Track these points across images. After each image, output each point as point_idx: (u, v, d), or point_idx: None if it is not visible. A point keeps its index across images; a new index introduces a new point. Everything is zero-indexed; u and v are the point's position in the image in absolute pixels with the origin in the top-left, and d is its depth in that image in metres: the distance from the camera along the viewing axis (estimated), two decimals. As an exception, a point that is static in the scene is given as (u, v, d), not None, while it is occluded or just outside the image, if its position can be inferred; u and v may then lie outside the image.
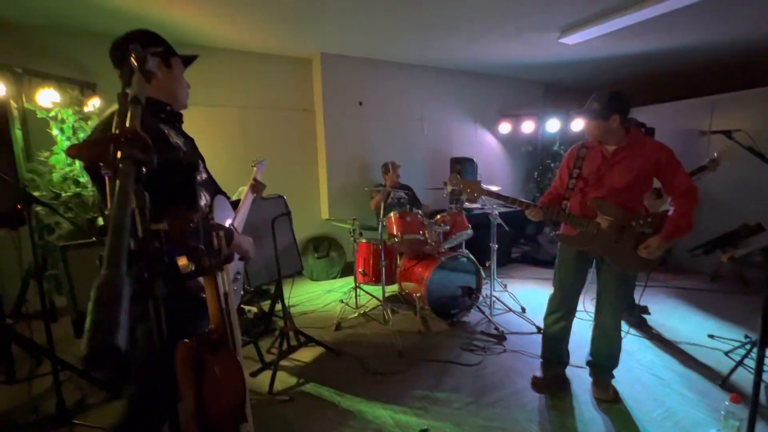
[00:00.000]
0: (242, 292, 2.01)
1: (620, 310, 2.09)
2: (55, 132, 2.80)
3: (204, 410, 0.65)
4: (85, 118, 2.98)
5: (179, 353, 0.67)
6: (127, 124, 0.59)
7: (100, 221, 2.68)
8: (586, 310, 2.68)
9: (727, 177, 4.03)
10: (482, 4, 3.11)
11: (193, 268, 0.60)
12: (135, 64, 0.79)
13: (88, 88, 3.19)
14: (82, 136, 2.88)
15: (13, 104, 2.56)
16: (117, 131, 0.56)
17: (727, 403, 1.75)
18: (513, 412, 2.05)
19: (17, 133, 2.47)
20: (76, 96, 2.96)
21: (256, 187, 1.87)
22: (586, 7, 3.17)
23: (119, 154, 0.53)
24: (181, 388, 0.66)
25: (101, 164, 0.54)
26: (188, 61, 1.39)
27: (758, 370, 1.41)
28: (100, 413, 2.06)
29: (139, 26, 1.22)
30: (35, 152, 2.84)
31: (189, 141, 1.37)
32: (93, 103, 3.04)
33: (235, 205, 1.67)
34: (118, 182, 0.50)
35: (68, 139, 2.84)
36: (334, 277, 4.49)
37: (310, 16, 3.33)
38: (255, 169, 1.94)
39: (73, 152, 0.62)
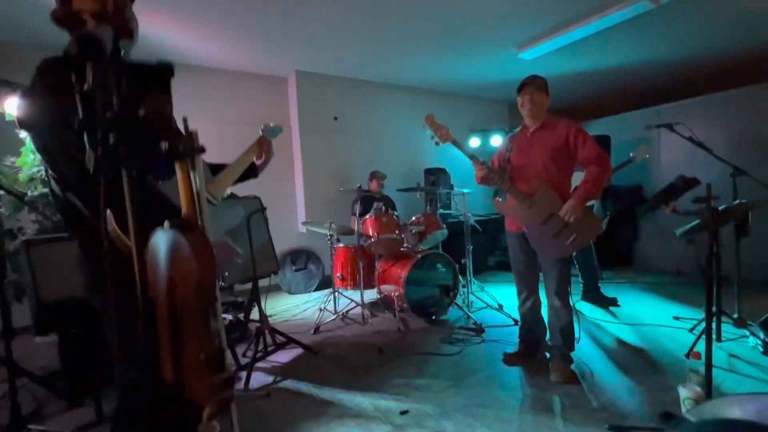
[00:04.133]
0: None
1: (564, 290, 2.15)
2: (23, 134, 2.74)
3: (174, 295, 0.67)
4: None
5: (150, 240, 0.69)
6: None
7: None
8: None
9: (676, 172, 4.34)
10: (441, 25, 3.40)
11: (166, 148, 0.64)
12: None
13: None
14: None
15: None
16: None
17: (689, 360, 1.83)
18: (492, 390, 2.06)
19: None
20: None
21: (262, 143, 1.82)
22: (538, 23, 3.51)
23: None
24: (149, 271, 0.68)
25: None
26: None
27: (708, 336, 1.65)
28: (58, 421, 1.92)
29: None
30: (1, 156, 2.77)
31: None
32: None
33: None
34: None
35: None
36: (312, 290, 4.43)
37: (284, 37, 3.52)
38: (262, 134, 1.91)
39: None
